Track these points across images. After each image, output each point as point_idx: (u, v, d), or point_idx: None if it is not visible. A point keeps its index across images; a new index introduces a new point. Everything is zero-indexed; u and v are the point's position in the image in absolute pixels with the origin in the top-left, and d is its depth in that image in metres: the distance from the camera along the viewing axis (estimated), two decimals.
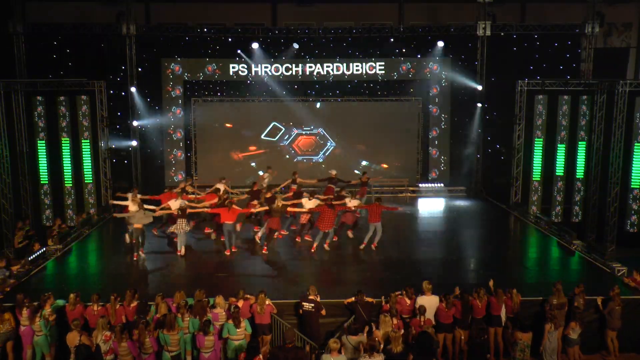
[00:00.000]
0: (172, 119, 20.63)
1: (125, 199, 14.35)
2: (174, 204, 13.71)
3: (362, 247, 13.82)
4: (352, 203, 14.06)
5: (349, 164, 20.76)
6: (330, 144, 21.23)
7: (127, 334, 9.13)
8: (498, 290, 10.31)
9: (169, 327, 9.21)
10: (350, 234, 14.81)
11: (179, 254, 13.42)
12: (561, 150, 17.97)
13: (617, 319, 10.44)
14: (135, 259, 13.22)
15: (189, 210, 13.60)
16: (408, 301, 10.20)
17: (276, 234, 13.89)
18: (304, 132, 21.15)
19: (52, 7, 19.82)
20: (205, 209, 14.05)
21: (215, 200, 14.20)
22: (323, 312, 10.17)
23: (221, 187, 15.03)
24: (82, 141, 17.94)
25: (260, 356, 8.86)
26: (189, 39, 19.78)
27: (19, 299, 10.03)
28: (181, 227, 13.34)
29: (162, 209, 13.84)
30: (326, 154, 21.30)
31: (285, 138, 21.18)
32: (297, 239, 14.45)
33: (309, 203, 13.84)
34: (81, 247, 14.71)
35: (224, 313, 9.88)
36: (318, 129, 21.09)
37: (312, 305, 10.07)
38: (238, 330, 9.58)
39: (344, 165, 20.17)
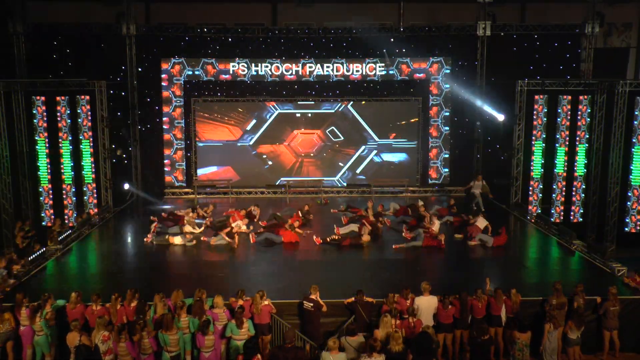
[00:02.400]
0: (172, 119, 20.63)
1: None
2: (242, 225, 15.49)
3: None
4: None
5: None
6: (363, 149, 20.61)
7: (125, 334, 9.14)
8: (497, 290, 10.33)
9: (166, 327, 9.21)
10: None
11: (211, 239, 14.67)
12: (561, 150, 17.96)
13: (612, 319, 10.44)
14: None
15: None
16: (407, 302, 10.21)
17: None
18: (300, 113, 20.50)
19: (52, 7, 19.81)
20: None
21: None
22: (324, 308, 10.20)
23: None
24: (82, 141, 17.94)
25: (259, 356, 8.88)
26: (189, 39, 19.77)
27: (18, 298, 10.05)
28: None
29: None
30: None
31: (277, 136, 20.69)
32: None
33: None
34: (81, 247, 14.72)
35: (223, 313, 9.89)
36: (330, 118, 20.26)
37: (312, 304, 10.10)
38: (241, 330, 9.59)
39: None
